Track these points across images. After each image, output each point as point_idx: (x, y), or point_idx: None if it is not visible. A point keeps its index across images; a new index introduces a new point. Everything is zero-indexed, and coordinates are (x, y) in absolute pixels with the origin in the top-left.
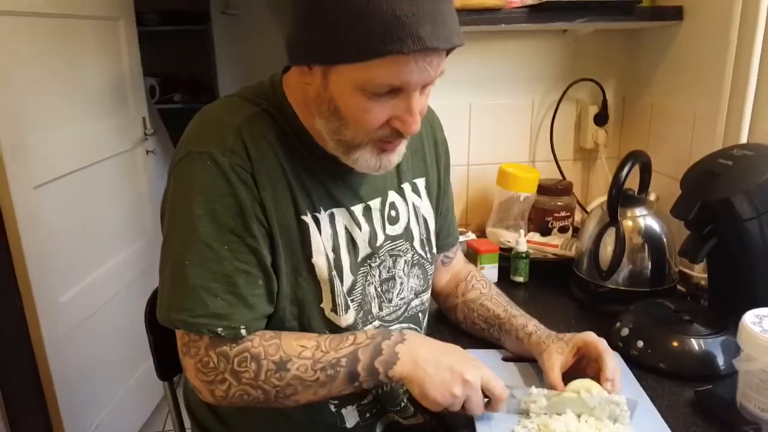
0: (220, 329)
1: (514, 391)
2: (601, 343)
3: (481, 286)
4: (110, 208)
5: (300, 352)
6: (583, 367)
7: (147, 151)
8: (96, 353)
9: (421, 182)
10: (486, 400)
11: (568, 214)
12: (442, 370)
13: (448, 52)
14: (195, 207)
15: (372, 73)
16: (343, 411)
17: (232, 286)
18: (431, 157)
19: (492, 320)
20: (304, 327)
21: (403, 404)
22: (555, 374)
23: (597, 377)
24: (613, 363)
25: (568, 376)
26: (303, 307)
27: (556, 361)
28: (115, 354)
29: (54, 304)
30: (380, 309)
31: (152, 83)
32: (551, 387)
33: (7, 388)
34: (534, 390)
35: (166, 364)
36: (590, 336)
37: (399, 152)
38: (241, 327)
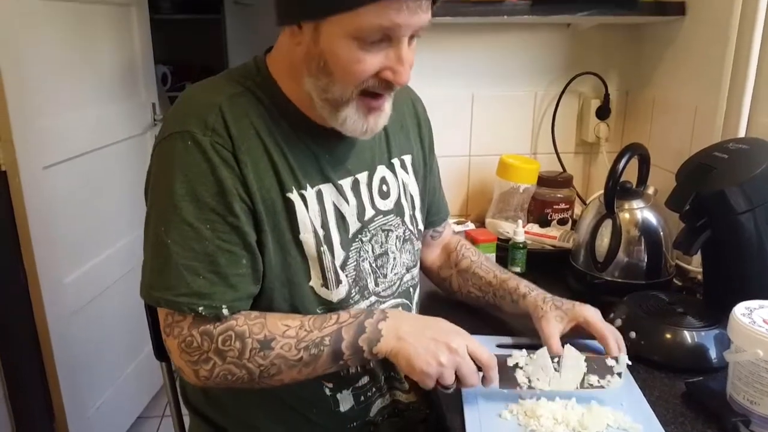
0: (201, 308)
1: (508, 359)
2: (604, 328)
3: (470, 254)
4: (118, 192)
5: (284, 331)
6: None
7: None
8: (99, 336)
9: (407, 159)
10: (481, 374)
11: (568, 206)
12: (425, 340)
13: (434, 2)
14: (176, 186)
15: (363, 19)
16: (339, 396)
17: (214, 266)
18: (414, 134)
19: (485, 288)
20: (296, 309)
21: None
22: (555, 343)
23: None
24: (615, 344)
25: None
26: (293, 287)
27: (554, 329)
28: (118, 337)
29: (59, 285)
30: (376, 284)
31: (165, 71)
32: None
33: (9, 367)
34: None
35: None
36: (590, 314)
37: (385, 113)
38: (223, 307)
